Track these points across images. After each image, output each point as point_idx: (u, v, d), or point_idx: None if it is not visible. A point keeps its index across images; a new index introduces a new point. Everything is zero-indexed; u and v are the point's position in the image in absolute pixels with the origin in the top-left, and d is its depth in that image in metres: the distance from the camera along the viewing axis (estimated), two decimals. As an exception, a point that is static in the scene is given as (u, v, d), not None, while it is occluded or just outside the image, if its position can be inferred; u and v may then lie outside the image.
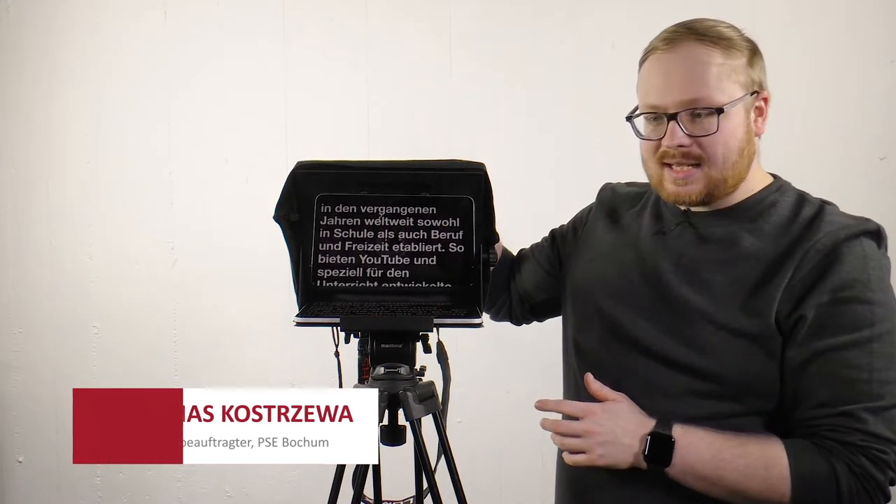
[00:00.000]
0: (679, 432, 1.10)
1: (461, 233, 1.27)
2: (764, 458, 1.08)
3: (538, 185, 2.41)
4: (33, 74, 2.65)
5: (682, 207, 1.22)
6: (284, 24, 2.55)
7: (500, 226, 1.30)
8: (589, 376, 1.18)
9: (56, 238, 2.67)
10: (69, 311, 2.66)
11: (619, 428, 1.12)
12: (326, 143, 2.51)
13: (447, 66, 2.48)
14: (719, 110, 1.12)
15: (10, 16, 2.66)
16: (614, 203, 1.40)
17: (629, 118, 1.21)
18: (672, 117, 1.14)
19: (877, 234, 1.14)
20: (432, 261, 1.27)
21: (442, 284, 1.27)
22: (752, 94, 1.17)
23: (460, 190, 1.27)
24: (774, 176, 1.25)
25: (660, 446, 1.09)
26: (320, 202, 1.28)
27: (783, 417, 1.13)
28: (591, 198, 1.47)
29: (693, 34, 1.15)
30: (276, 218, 1.29)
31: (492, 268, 1.27)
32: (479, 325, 1.21)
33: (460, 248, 1.26)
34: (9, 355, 2.70)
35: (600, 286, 1.29)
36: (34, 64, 2.65)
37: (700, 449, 1.09)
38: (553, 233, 1.52)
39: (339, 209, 1.28)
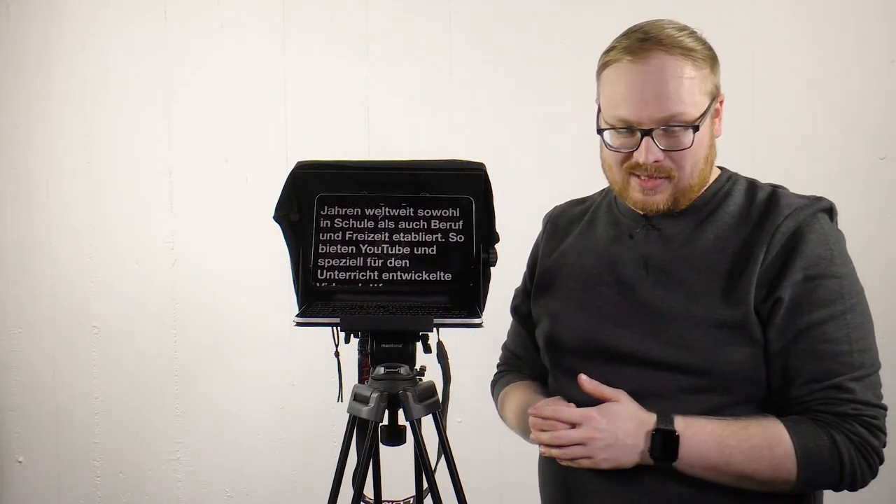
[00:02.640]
0: (681, 425, 1.11)
1: (461, 223, 1.27)
2: (767, 439, 1.10)
3: (538, 185, 2.41)
4: (33, 74, 2.65)
5: (642, 213, 1.24)
6: (284, 24, 2.55)
7: (500, 226, 1.30)
8: (583, 377, 1.17)
9: (56, 238, 2.67)
10: (69, 311, 2.66)
11: (619, 430, 1.12)
12: (326, 143, 2.51)
13: (447, 66, 2.48)
14: (695, 127, 1.14)
15: (10, 15, 2.66)
16: (560, 226, 1.40)
17: (601, 131, 1.21)
18: (647, 133, 1.14)
19: (829, 211, 1.19)
20: (432, 250, 1.27)
21: (442, 275, 1.27)
22: (713, 99, 1.19)
23: (460, 190, 1.28)
24: (721, 168, 1.27)
25: (665, 442, 1.10)
26: (320, 202, 1.29)
27: (773, 401, 1.15)
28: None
29: (660, 46, 1.14)
30: (276, 218, 1.29)
31: (492, 268, 1.28)
32: (479, 326, 1.21)
33: (460, 238, 1.27)
34: (9, 355, 2.70)
35: (570, 306, 1.29)
36: (34, 64, 2.65)
37: (704, 438, 1.10)
38: (516, 303, 1.47)
39: (339, 204, 1.29)
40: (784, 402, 1.14)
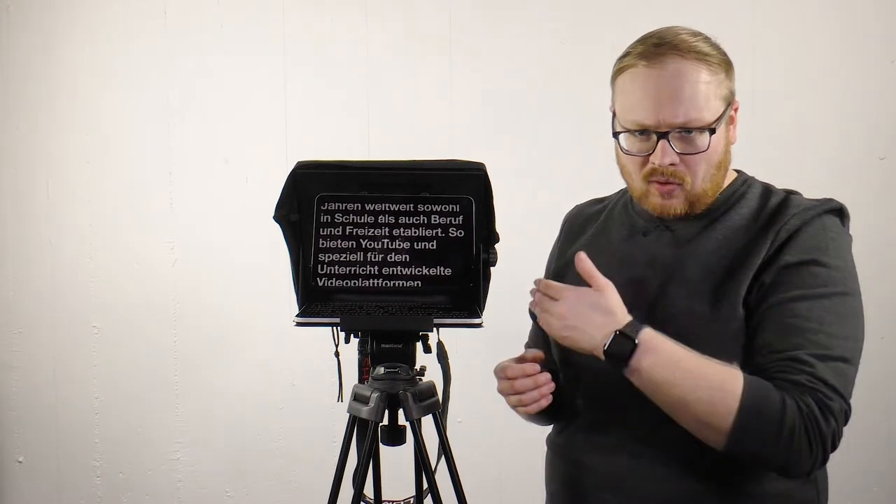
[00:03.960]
0: (646, 336, 1.10)
1: (461, 218, 1.28)
2: (721, 375, 1.08)
3: (538, 186, 2.41)
4: (33, 74, 2.65)
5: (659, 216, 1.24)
6: (285, 24, 2.55)
7: (501, 226, 1.30)
8: (581, 254, 1.17)
9: (56, 238, 2.67)
10: (69, 311, 2.66)
11: (587, 318, 1.12)
12: (326, 143, 2.51)
13: (447, 66, 2.48)
14: (711, 130, 1.15)
15: (10, 16, 2.66)
16: (576, 226, 1.41)
17: (616, 135, 1.21)
18: (663, 136, 1.15)
19: (839, 212, 1.19)
20: (433, 245, 1.27)
21: (442, 270, 1.27)
22: (728, 105, 1.19)
23: (460, 190, 1.28)
24: (738, 171, 1.28)
25: (621, 346, 1.10)
26: (320, 202, 1.29)
27: None
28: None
29: (675, 50, 1.15)
30: (276, 218, 1.30)
31: (492, 268, 1.28)
32: (479, 326, 1.22)
33: (460, 234, 1.27)
34: (9, 355, 2.70)
35: None
36: (34, 64, 2.65)
37: (662, 359, 1.09)
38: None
39: (339, 203, 1.29)
40: (748, 373, 1.12)
